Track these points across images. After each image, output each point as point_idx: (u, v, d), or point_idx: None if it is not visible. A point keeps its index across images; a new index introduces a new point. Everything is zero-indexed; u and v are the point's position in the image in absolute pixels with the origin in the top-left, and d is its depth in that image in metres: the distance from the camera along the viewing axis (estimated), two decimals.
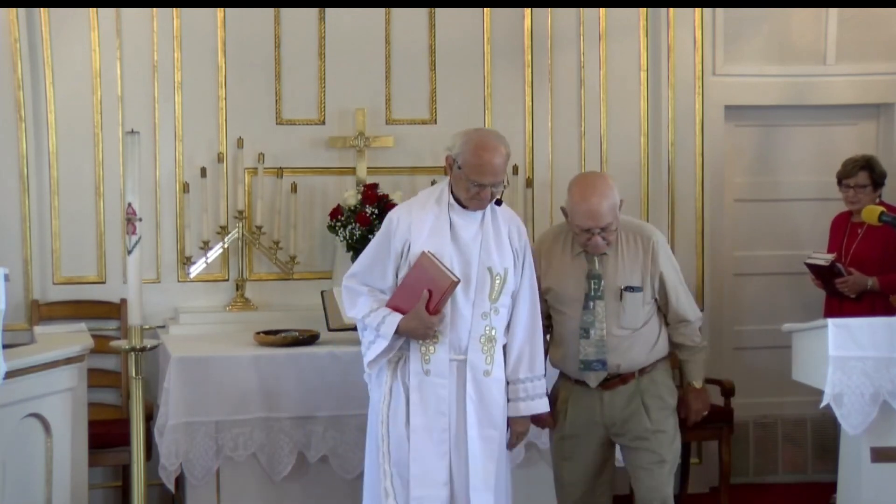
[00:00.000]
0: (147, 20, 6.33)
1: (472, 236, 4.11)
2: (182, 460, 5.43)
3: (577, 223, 4.18)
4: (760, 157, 7.17)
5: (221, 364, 5.54)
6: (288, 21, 6.47)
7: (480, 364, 4.07)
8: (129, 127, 5.74)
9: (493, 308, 4.09)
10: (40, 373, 4.57)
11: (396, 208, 4.36)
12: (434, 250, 4.02)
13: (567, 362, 4.36)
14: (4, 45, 6.14)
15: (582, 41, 6.72)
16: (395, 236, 4.14)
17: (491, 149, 4.04)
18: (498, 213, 4.18)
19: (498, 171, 4.05)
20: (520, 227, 4.27)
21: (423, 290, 3.92)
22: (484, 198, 4.05)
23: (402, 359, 4.11)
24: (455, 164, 4.08)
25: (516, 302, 4.19)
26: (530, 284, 4.22)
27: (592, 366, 4.23)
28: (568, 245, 4.36)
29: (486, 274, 4.07)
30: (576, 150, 6.76)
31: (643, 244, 4.32)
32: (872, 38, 7.01)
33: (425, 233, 4.08)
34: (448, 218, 4.11)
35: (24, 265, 6.21)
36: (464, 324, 4.07)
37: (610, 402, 4.29)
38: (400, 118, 6.60)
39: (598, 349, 4.22)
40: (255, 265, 6.46)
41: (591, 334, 4.22)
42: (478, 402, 4.06)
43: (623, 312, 4.27)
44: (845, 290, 6.13)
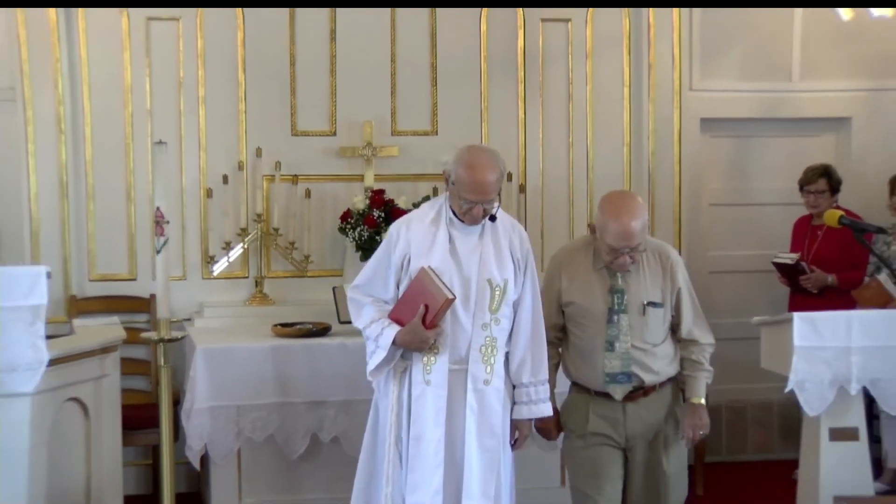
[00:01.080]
0: (173, 40, 6.34)
1: (471, 249, 3.88)
2: (206, 441, 5.44)
3: (609, 242, 3.89)
4: (733, 166, 7.19)
5: (242, 354, 5.56)
6: (302, 41, 6.47)
7: (480, 374, 3.84)
8: (158, 138, 5.83)
9: (493, 319, 3.85)
10: (79, 361, 4.59)
11: (397, 222, 4.11)
12: (433, 264, 3.81)
13: (589, 375, 4.05)
14: (47, 65, 6.16)
15: (570, 59, 6.71)
16: (396, 250, 3.94)
17: (481, 168, 3.79)
18: (498, 223, 3.94)
19: (488, 189, 3.80)
20: (521, 235, 4.03)
21: (421, 304, 3.74)
22: (476, 214, 3.82)
23: (406, 369, 3.90)
24: (450, 179, 3.88)
25: (519, 308, 3.95)
26: (532, 291, 3.98)
27: (618, 378, 3.97)
28: (590, 259, 4.07)
29: (486, 286, 3.84)
30: (564, 159, 6.76)
31: (662, 262, 4.09)
32: (833, 58, 7.03)
33: (424, 246, 3.87)
34: (447, 232, 3.89)
35: (63, 264, 6.22)
36: (464, 334, 3.84)
37: (633, 414, 4.01)
38: (404, 129, 6.59)
39: (623, 362, 3.96)
40: (273, 264, 6.47)
41: (615, 347, 3.95)
42: (477, 412, 3.83)
43: (646, 327, 4.01)
44: (808, 287, 6.18)
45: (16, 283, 4.22)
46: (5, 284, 4.21)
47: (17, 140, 6.26)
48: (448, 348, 3.82)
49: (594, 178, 6.76)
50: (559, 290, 4.10)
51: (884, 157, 6.82)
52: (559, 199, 6.77)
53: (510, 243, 3.94)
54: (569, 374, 4.20)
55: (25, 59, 6.17)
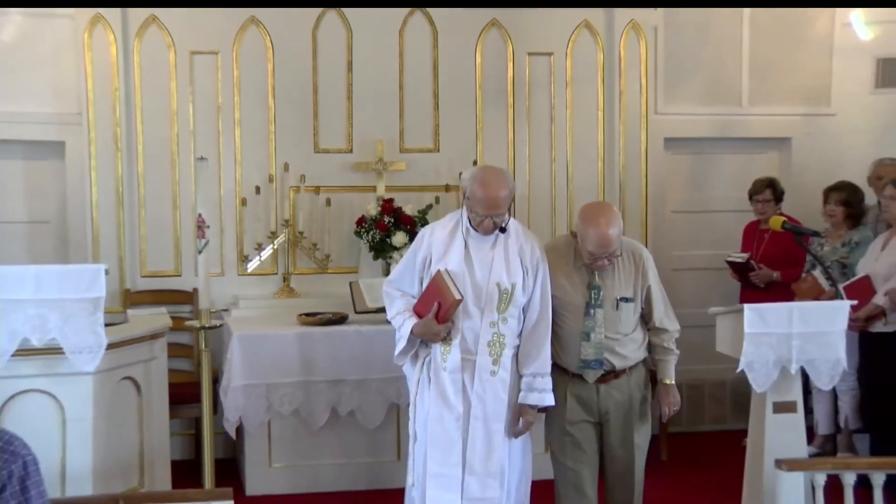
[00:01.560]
0: (213, 71, 6.34)
1: (484, 256, 3.83)
2: (241, 414, 5.47)
3: (589, 248, 3.86)
4: (692, 178, 7.19)
5: (271, 339, 5.58)
6: (322, 71, 6.47)
7: (487, 365, 3.81)
8: (199, 154, 5.83)
9: (500, 318, 3.81)
10: (132, 346, 4.61)
11: (425, 227, 4.13)
12: (450, 267, 3.80)
13: (567, 359, 4.00)
14: (107, 94, 6.18)
15: (552, 87, 6.70)
16: (420, 251, 3.95)
17: (493, 186, 3.76)
18: (511, 234, 3.90)
19: (498, 204, 3.76)
20: (533, 246, 3.94)
21: (435, 302, 3.73)
22: (487, 226, 3.79)
23: (428, 356, 3.88)
24: (465, 194, 3.87)
25: (529, 309, 3.89)
26: (542, 295, 3.91)
27: (591, 364, 3.93)
28: (571, 258, 4.01)
29: (495, 289, 3.80)
30: (547, 172, 6.74)
31: (635, 261, 4.04)
32: (776, 87, 7.03)
33: (443, 251, 3.86)
34: (463, 240, 3.86)
35: (118, 262, 6.23)
36: (473, 329, 3.80)
37: (605, 394, 3.97)
38: (410, 147, 6.58)
39: (596, 350, 3.92)
40: (298, 262, 6.45)
41: (591, 338, 3.91)
42: (482, 398, 3.80)
43: (619, 320, 3.96)
44: (756, 282, 6.19)
45: (79, 278, 4.24)
46: (71, 280, 4.23)
47: (82, 156, 6.27)
48: (460, 340, 3.80)
49: (573, 188, 6.76)
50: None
51: (819, 172, 6.80)
52: (543, 206, 6.76)
53: (521, 251, 3.88)
54: (552, 357, 4.12)
55: (90, 89, 6.18)
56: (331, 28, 6.47)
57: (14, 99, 6.24)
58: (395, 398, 5.60)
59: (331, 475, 5.66)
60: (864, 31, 6.69)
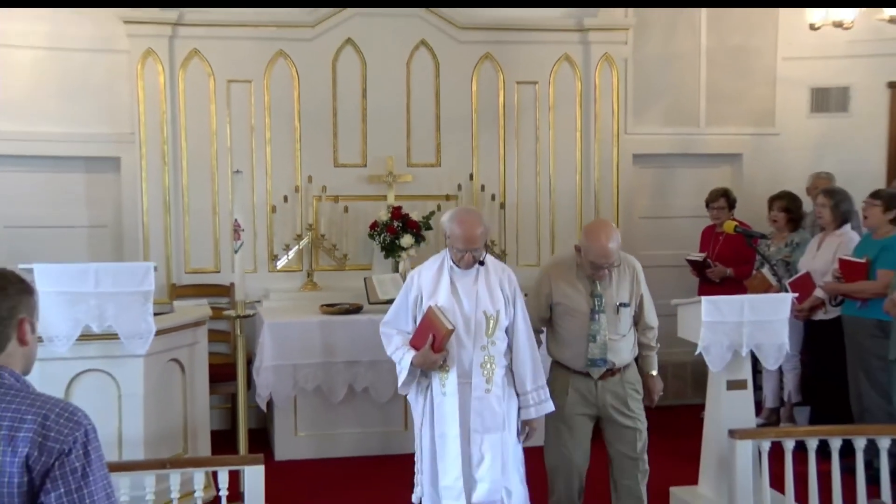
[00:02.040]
0: (247, 96, 6.34)
1: (469, 289, 3.71)
2: (271, 390, 5.49)
3: (592, 260, 3.81)
4: (656, 189, 7.18)
5: (297, 327, 5.59)
6: (341, 98, 6.45)
7: (481, 384, 3.66)
8: (235, 168, 5.81)
9: (489, 341, 3.69)
10: (177, 332, 4.63)
11: (413, 270, 3.94)
12: (440, 303, 3.67)
13: (573, 359, 3.93)
14: (156, 115, 6.19)
15: (537, 111, 6.68)
16: (411, 292, 3.80)
17: (469, 225, 3.64)
18: (490, 268, 3.78)
19: (475, 240, 3.64)
20: (510, 277, 3.83)
21: (430, 334, 3.62)
22: (468, 260, 3.67)
23: (428, 384, 3.76)
24: (446, 235, 3.76)
25: (514, 332, 3.78)
26: (523, 316, 3.80)
27: (597, 363, 3.87)
28: (573, 271, 3.93)
29: (482, 316, 3.68)
30: (533, 184, 6.72)
31: (629, 271, 3.98)
32: (729, 110, 7.01)
33: (432, 289, 3.73)
34: (449, 276, 3.72)
35: (166, 260, 6.24)
36: (467, 354, 3.67)
37: (603, 389, 3.91)
38: (416, 162, 6.56)
39: (601, 350, 3.86)
40: (320, 260, 6.44)
41: (597, 339, 3.85)
42: (480, 413, 3.66)
43: (618, 323, 3.91)
44: (712, 277, 6.20)
45: (132, 275, 4.25)
46: (125, 276, 4.24)
47: (134, 170, 6.27)
48: (456, 365, 3.67)
49: (555, 197, 6.76)
50: (549, 293, 3.98)
51: (765, 183, 6.80)
52: (529, 213, 6.75)
53: (500, 282, 3.76)
54: (551, 354, 4.08)
55: (142, 111, 6.19)
56: (348, 60, 6.47)
57: (77, 121, 6.24)
58: None
59: (348, 442, 5.67)
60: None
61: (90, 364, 4.28)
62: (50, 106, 6.20)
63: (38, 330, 2.18)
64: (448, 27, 6.51)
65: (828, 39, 6.65)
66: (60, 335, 4.07)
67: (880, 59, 6.99)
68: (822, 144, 7.09)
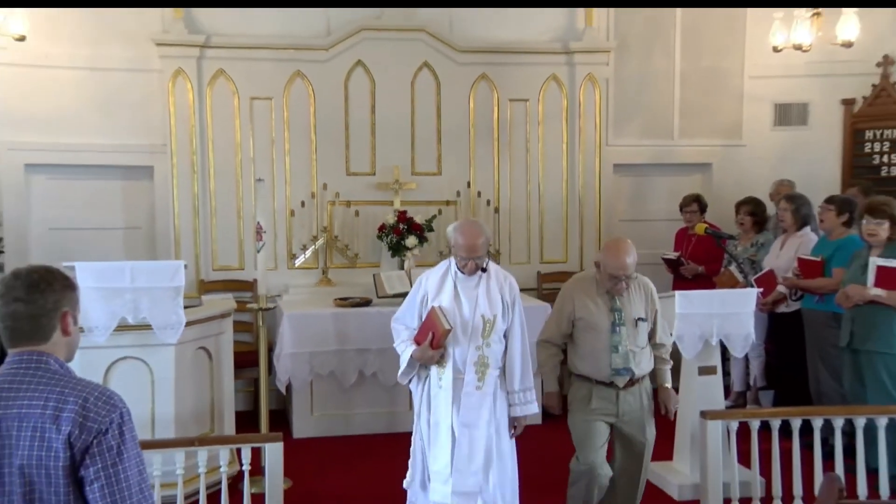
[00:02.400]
0: (268, 112, 6.32)
1: (470, 293, 3.62)
2: (289, 375, 5.49)
3: (610, 272, 3.70)
4: (635, 195, 7.15)
5: (313, 318, 5.58)
6: (352, 113, 6.43)
7: (473, 381, 3.58)
8: (258, 176, 5.86)
9: (485, 343, 3.60)
10: (205, 323, 4.64)
11: (422, 275, 3.84)
12: (443, 304, 3.61)
13: (597, 371, 3.78)
14: (186, 128, 6.18)
15: (527, 125, 6.67)
16: (419, 292, 3.74)
17: (471, 235, 3.58)
18: (492, 275, 3.68)
19: (476, 249, 3.57)
20: (511, 284, 3.73)
21: (429, 332, 3.57)
22: (471, 268, 3.60)
23: (427, 376, 3.69)
24: (451, 244, 3.69)
25: (509, 337, 3.68)
26: (520, 322, 3.71)
27: (621, 372, 3.73)
28: (593, 288, 3.81)
29: (480, 320, 3.59)
30: (524, 190, 6.71)
31: (645, 289, 3.88)
32: (700, 124, 7.00)
33: (436, 291, 3.67)
34: (453, 281, 3.65)
35: (195, 259, 6.23)
36: (462, 353, 3.59)
37: (624, 398, 3.77)
38: (420, 171, 6.55)
39: (624, 360, 3.72)
40: (334, 259, 6.43)
41: (619, 350, 3.72)
42: (468, 408, 3.58)
43: (638, 335, 3.79)
44: (686, 274, 6.18)
45: (165, 272, 4.25)
46: (158, 273, 4.24)
47: (166, 178, 6.26)
48: (452, 362, 3.59)
49: (543, 203, 6.75)
50: (572, 311, 3.84)
51: (733, 189, 6.77)
52: (520, 217, 6.74)
53: (500, 289, 3.67)
54: (574, 367, 3.90)
55: (173, 125, 6.18)
56: (358, 80, 6.45)
57: (115, 134, 6.23)
58: None
59: (358, 422, 5.66)
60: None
61: (126, 352, 4.29)
62: (90, 120, 6.20)
63: (79, 322, 2.18)
64: (448, 50, 6.49)
65: (789, 60, 6.64)
66: (99, 326, 4.08)
67: (835, 79, 6.99)
68: (784, 155, 7.07)
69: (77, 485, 1.98)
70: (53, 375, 2.03)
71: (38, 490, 1.96)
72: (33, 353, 2.05)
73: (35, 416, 1.97)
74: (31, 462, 1.95)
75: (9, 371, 2.04)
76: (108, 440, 1.98)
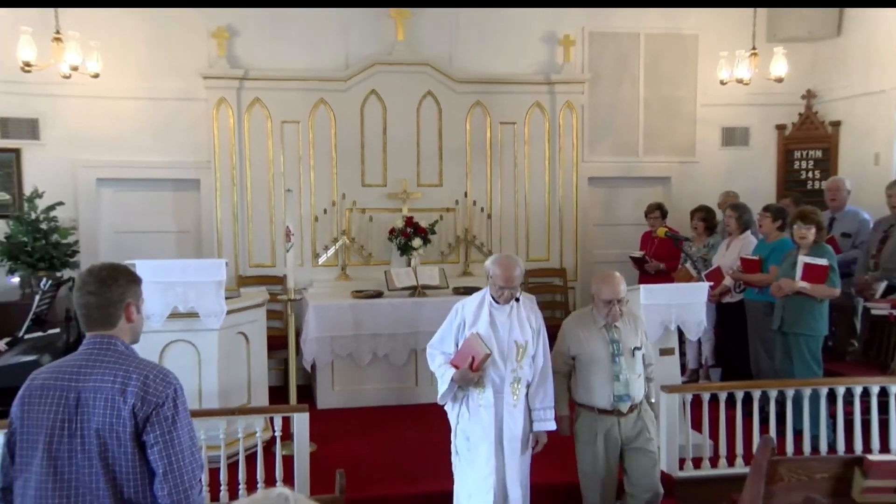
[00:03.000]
0: (295, 133, 6.31)
1: (504, 321, 3.40)
2: (314, 356, 5.48)
3: (604, 298, 3.48)
4: (606, 204, 7.11)
5: (334, 308, 5.56)
6: (367, 134, 6.41)
7: (511, 401, 3.37)
8: (287, 188, 5.84)
9: (518, 365, 3.38)
10: (243, 311, 4.63)
11: (458, 304, 3.54)
12: (480, 331, 3.38)
13: (596, 399, 3.51)
14: (227, 148, 6.18)
15: (515, 145, 6.65)
16: (455, 320, 3.47)
17: (508, 267, 3.36)
18: (521, 304, 3.46)
19: (513, 280, 3.35)
20: (536, 312, 3.50)
21: (469, 356, 3.35)
22: (507, 297, 3.38)
23: (465, 396, 3.41)
24: (489, 275, 3.43)
25: (535, 359, 3.46)
26: (543, 348, 3.48)
27: (623, 398, 3.47)
28: (591, 321, 3.58)
29: (514, 344, 3.38)
30: (511, 200, 6.68)
31: (635, 322, 3.64)
32: (661, 144, 6.98)
33: (474, 320, 3.42)
34: (489, 310, 3.41)
35: (234, 258, 6.23)
36: (500, 375, 3.36)
37: (625, 424, 3.51)
38: (424, 183, 6.52)
39: (625, 387, 3.47)
40: (351, 257, 6.40)
41: (620, 378, 3.47)
42: (510, 425, 3.38)
43: (635, 363, 3.54)
44: (649, 270, 6.17)
45: (209, 268, 4.25)
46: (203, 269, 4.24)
47: (210, 189, 6.26)
48: (491, 383, 3.37)
49: (529, 210, 6.73)
50: (567, 349, 3.61)
51: (688, 199, 6.76)
52: (509, 221, 6.72)
53: (528, 317, 3.45)
54: (578, 397, 3.62)
55: (216, 145, 6.18)
56: (372, 106, 6.44)
57: (168, 153, 6.24)
58: (413, 345, 5.58)
59: (371, 395, 5.64)
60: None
61: (177, 336, 4.29)
62: (148, 142, 6.21)
63: (142, 311, 2.21)
64: (448, 81, 6.48)
65: (733, 92, 6.64)
66: (155, 314, 4.08)
67: (770, 108, 7.01)
68: (730, 170, 7.06)
69: (140, 447, 2.02)
70: (120, 356, 2.07)
71: (111, 450, 2.01)
72: (104, 337, 2.09)
73: (106, 389, 2.02)
74: (104, 427, 2.00)
75: (85, 351, 2.09)
76: (165, 411, 2.01)
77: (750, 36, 6.43)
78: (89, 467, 2.01)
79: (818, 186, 6.75)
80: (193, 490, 2.04)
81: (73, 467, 2.01)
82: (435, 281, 5.80)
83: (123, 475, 2.01)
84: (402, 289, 5.71)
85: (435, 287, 5.78)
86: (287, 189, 5.71)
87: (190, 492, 2.03)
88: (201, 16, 6.19)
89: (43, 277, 5.35)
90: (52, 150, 6.10)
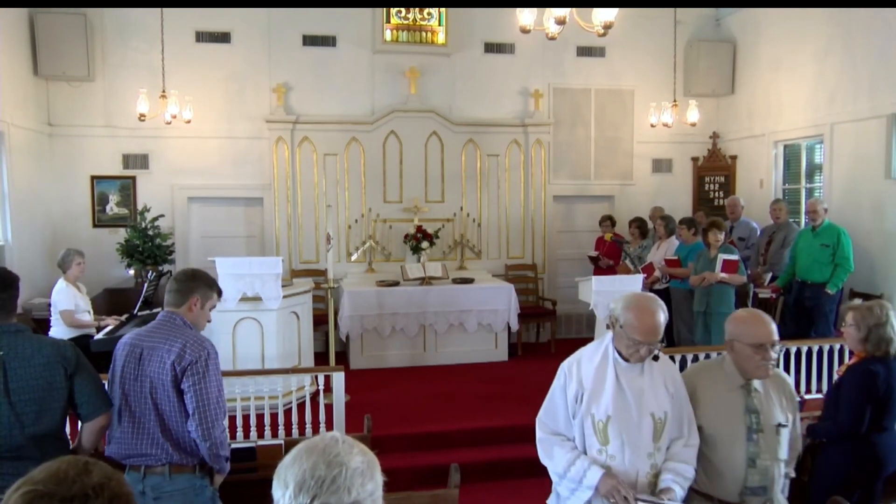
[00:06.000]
0: (335, 163, 6.25)
1: (635, 386, 1.95)
2: (348, 330, 5.43)
3: (753, 342, 1.97)
4: (566, 215, 7.02)
5: (364, 293, 5.51)
6: (388, 163, 6.35)
7: (647, 498, 1.86)
8: (328, 204, 5.79)
9: (656, 448, 1.93)
10: (295, 296, 4.59)
11: (567, 361, 2.05)
12: (601, 408, 1.94)
13: (721, 488, 2.00)
14: (284, 174, 6.13)
15: (498, 171, 6.59)
16: (569, 387, 1.99)
17: (651, 312, 1.93)
18: (658, 364, 2.00)
19: (655, 331, 1.92)
20: (675, 377, 2.02)
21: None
22: (643, 354, 1.93)
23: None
24: (617, 322, 1.97)
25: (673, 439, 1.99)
26: (685, 411, 2.01)
27: (756, 491, 1.97)
28: (721, 379, 2.05)
29: (650, 419, 1.93)
30: (496, 213, 6.61)
31: (781, 387, 2.08)
32: (608, 170, 6.91)
33: (596, 389, 1.96)
34: (614, 371, 1.95)
35: (289, 256, 6.17)
36: (634, 464, 1.91)
37: None
38: (430, 200, 6.45)
39: (762, 477, 1.97)
40: (376, 256, 6.35)
41: (757, 465, 1.96)
42: None
43: (777, 446, 1.99)
44: (602, 265, 6.12)
45: (270, 264, 4.21)
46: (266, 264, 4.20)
47: (271, 205, 6.20)
48: (622, 471, 1.92)
49: (509, 220, 6.66)
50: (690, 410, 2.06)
51: (627, 212, 6.70)
52: (493, 228, 6.64)
53: (665, 381, 1.99)
54: (697, 486, 2.06)
55: (276, 171, 6.12)
56: (392, 142, 6.39)
57: (240, 178, 6.20)
58: (422, 322, 5.55)
59: (391, 359, 5.59)
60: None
61: (247, 314, 4.27)
62: (225, 170, 6.18)
63: (207, 307, 2.22)
64: (448, 124, 6.43)
65: (660, 132, 6.60)
66: (230, 297, 4.06)
67: (687, 145, 6.96)
68: (657, 190, 7.00)
69: (179, 394, 2.09)
70: (175, 328, 2.14)
71: (158, 392, 2.10)
72: (171, 314, 2.18)
73: (160, 349, 2.11)
74: (154, 376, 2.10)
75: (157, 322, 2.19)
76: (197, 368, 2.07)
77: (672, 91, 6.47)
78: (145, 403, 2.10)
79: (721, 203, 6.74)
80: (216, 429, 2.09)
81: (136, 402, 2.11)
82: (438, 273, 5.78)
83: (167, 411, 2.09)
84: (414, 279, 5.68)
85: (438, 278, 5.76)
86: (327, 205, 5.67)
87: (212, 430, 2.08)
88: (265, 75, 6.16)
89: (150, 270, 5.53)
90: (157, 176, 6.09)
